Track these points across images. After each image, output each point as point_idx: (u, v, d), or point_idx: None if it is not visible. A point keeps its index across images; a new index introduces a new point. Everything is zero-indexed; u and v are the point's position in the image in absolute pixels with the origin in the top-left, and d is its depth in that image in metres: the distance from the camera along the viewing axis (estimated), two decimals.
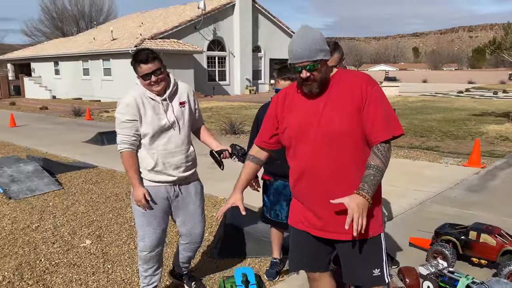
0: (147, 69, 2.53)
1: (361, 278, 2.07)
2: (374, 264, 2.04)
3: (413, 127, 11.53)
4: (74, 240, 4.17)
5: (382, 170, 1.90)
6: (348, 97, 1.95)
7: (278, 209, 3.19)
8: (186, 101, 2.75)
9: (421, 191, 5.49)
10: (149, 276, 2.82)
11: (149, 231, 2.70)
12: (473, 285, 2.80)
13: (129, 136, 2.59)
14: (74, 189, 5.95)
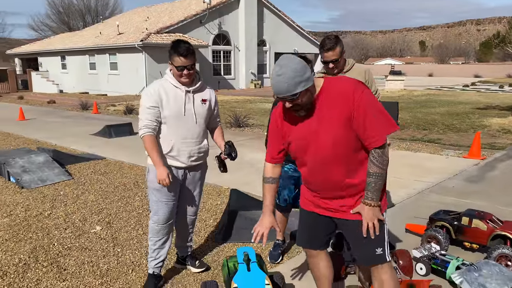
0: (183, 62, 2.77)
1: (363, 256, 2.25)
2: (376, 244, 2.19)
3: (416, 120, 11.62)
4: (85, 226, 4.36)
5: (381, 174, 2.07)
6: (338, 109, 2.06)
7: (287, 194, 3.35)
8: (207, 100, 3.00)
9: (421, 181, 5.63)
10: (157, 249, 3.05)
11: (162, 205, 2.96)
12: (462, 266, 2.95)
13: (151, 122, 2.82)
14: (84, 179, 6.15)
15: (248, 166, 6.73)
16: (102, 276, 3.31)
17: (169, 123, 2.88)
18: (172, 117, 2.86)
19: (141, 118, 2.86)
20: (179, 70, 2.79)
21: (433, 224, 3.63)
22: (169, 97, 2.86)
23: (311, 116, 2.11)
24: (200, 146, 3.00)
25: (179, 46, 2.76)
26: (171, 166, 2.93)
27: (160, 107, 2.83)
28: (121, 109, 15.88)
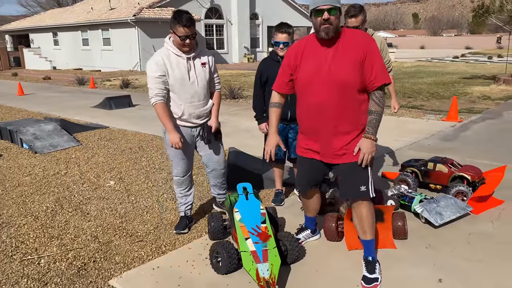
0: (186, 32, 3.04)
1: (352, 192, 2.68)
2: (362, 182, 2.63)
3: (403, 89, 12.15)
4: (99, 181, 4.91)
5: (381, 113, 2.54)
6: (352, 50, 2.47)
7: (277, 150, 3.86)
8: (206, 63, 3.31)
9: (401, 140, 6.20)
10: (184, 196, 3.55)
11: (178, 160, 3.39)
12: (424, 199, 3.55)
13: (161, 90, 3.14)
14: (91, 145, 6.66)
15: (245, 132, 7.27)
16: (121, 217, 3.87)
17: (176, 89, 3.19)
18: (178, 83, 3.18)
19: (150, 88, 3.14)
20: (182, 39, 3.05)
21: (404, 170, 4.21)
22: (173, 66, 3.15)
23: (330, 47, 2.50)
24: (206, 107, 3.39)
25: (182, 16, 3.00)
26: (185, 127, 3.34)
27: (166, 76, 3.14)
28: (117, 84, 16.22)
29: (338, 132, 2.59)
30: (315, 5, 2.44)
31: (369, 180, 2.66)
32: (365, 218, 2.72)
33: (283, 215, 3.69)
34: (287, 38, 3.57)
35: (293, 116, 3.70)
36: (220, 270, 2.77)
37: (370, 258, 2.71)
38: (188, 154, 3.44)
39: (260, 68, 3.79)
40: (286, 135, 3.84)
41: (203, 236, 3.40)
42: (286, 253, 2.84)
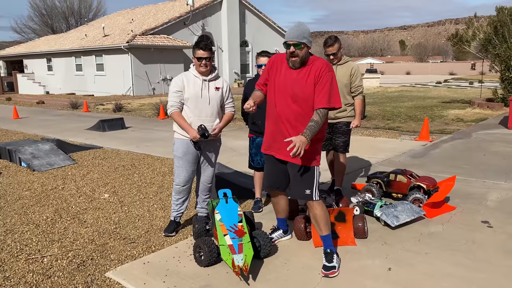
0: (202, 54, 3.70)
1: (296, 193, 3.19)
2: (306, 186, 3.12)
3: (383, 113, 12.80)
4: (95, 194, 5.33)
5: (319, 123, 3.01)
6: (312, 73, 3.05)
7: (259, 158, 4.40)
8: (220, 88, 3.90)
9: (374, 158, 6.73)
10: (178, 204, 4.02)
11: (182, 170, 3.89)
12: (384, 205, 4.04)
13: (176, 102, 3.78)
14: (86, 163, 7.09)
15: (231, 151, 7.76)
16: (115, 224, 4.30)
17: (189, 104, 3.78)
18: (191, 99, 3.77)
19: (169, 100, 3.80)
20: (199, 60, 3.71)
21: (370, 180, 4.71)
22: (190, 84, 3.78)
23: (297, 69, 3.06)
24: (212, 124, 3.84)
25: (200, 42, 3.75)
26: (190, 140, 3.83)
27: (183, 91, 3.77)
28: (110, 108, 16.72)
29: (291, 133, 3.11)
30: (285, 39, 3.05)
31: (313, 185, 3.12)
32: (318, 217, 3.18)
33: (260, 220, 4.14)
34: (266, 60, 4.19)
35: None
36: (202, 263, 3.21)
37: (328, 250, 3.17)
38: (192, 165, 3.92)
39: (245, 89, 4.39)
40: None
41: (188, 238, 3.84)
42: (260, 249, 3.29)
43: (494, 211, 4.20)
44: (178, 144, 3.90)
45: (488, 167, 5.92)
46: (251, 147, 4.45)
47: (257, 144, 4.36)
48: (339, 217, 3.58)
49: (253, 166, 4.48)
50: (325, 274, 3.04)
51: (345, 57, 4.59)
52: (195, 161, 3.94)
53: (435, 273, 3.03)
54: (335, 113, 4.56)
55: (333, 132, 4.67)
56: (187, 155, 3.86)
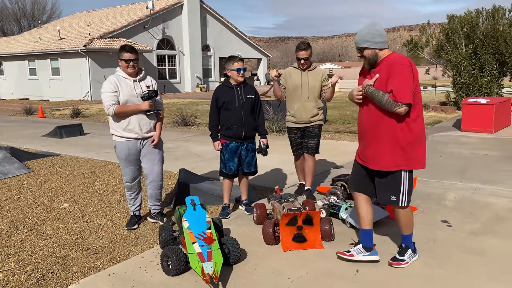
0: (129, 56, 3.92)
1: (382, 199, 3.19)
2: (392, 192, 3.09)
3: (343, 117, 13.11)
4: (53, 204, 5.10)
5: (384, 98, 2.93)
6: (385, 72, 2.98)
7: (231, 165, 4.37)
8: (151, 86, 4.12)
9: (336, 161, 6.86)
10: (133, 199, 4.23)
11: (127, 169, 4.12)
12: (349, 207, 4.11)
13: (114, 101, 3.92)
14: (43, 172, 6.78)
15: (196, 156, 7.67)
16: (76, 234, 4.13)
17: (124, 103, 3.93)
18: (126, 99, 3.93)
19: (105, 101, 3.89)
20: (127, 62, 3.92)
21: (334, 183, 4.80)
22: (122, 85, 3.95)
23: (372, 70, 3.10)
24: (150, 121, 4.07)
25: (125, 46, 3.97)
26: (130, 139, 3.98)
27: (118, 92, 3.90)
28: (67, 113, 16.12)
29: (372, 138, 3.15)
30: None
31: (400, 191, 3.09)
32: (401, 222, 3.22)
33: (228, 226, 4.11)
34: (243, 65, 4.31)
35: (247, 135, 4.33)
36: (170, 272, 3.13)
37: (403, 245, 3.27)
38: (135, 163, 4.13)
39: (216, 94, 4.36)
40: (239, 152, 4.35)
41: (155, 247, 3.74)
42: (229, 255, 3.25)
43: (452, 210, 4.39)
44: (119, 147, 4.08)
45: (445, 168, 6.18)
46: (223, 153, 4.40)
47: (230, 149, 4.34)
48: (306, 221, 3.61)
49: (224, 173, 4.43)
50: (390, 263, 3.20)
51: (314, 63, 4.70)
52: (138, 159, 4.14)
53: (400, 272, 3.12)
54: (309, 117, 4.66)
55: (306, 136, 4.77)
56: (130, 156, 4.08)
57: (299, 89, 4.63)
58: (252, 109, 4.36)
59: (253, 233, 3.93)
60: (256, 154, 4.47)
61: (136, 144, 4.05)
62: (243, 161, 4.41)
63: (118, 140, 4.04)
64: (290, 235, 3.60)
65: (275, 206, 4.04)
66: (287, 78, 4.73)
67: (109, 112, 3.90)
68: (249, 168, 4.45)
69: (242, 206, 4.57)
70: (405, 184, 3.09)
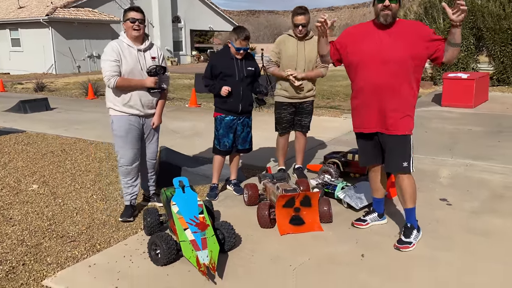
0: (135, 15, 3.45)
1: (393, 167, 3.02)
2: (404, 158, 2.95)
3: (321, 92, 12.87)
4: (20, 186, 4.64)
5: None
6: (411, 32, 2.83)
7: (226, 141, 4.02)
8: (156, 57, 3.63)
9: (321, 137, 6.62)
10: (130, 187, 3.71)
11: (128, 150, 3.59)
12: (346, 187, 3.89)
13: (116, 72, 3.41)
14: (7, 150, 6.23)
15: (173, 133, 7.26)
16: (49, 220, 3.73)
17: (126, 75, 3.46)
18: (130, 73, 3.47)
19: (106, 70, 3.40)
20: (132, 21, 3.44)
21: (326, 161, 4.56)
22: (125, 54, 3.46)
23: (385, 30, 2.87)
24: (153, 98, 3.64)
25: (132, 7, 3.54)
26: (131, 115, 3.54)
27: (120, 61, 3.43)
28: (30, 87, 15.16)
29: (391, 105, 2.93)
30: None
31: (411, 157, 2.98)
32: (404, 190, 3.02)
33: (217, 208, 3.81)
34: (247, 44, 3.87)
35: (244, 109, 3.96)
36: (159, 262, 2.83)
37: (409, 225, 3.05)
38: (136, 143, 3.63)
39: (213, 62, 3.96)
40: (235, 127, 4.01)
41: (138, 233, 3.41)
42: (224, 241, 2.97)
43: (449, 188, 4.25)
44: (118, 123, 3.55)
45: (433, 144, 6.07)
46: (217, 128, 4.04)
47: (225, 124, 3.98)
48: (304, 202, 3.35)
49: (218, 149, 4.08)
50: (397, 247, 2.97)
51: (311, 32, 4.32)
52: (139, 138, 3.66)
53: (406, 255, 2.93)
54: (305, 92, 4.33)
55: (299, 113, 4.45)
56: (131, 133, 3.57)
57: (294, 59, 4.26)
58: (251, 82, 4.01)
59: (245, 215, 3.66)
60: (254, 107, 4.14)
61: (138, 120, 3.60)
62: (238, 137, 4.07)
63: (117, 115, 3.55)
64: (287, 217, 3.34)
65: (268, 187, 3.76)
66: (281, 47, 4.30)
67: (109, 84, 3.41)
68: (244, 144, 4.13)
69: (231, 186, 4.28)
70: (412, 149, 3.02)
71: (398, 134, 2.94)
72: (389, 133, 2.96)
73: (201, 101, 10.93)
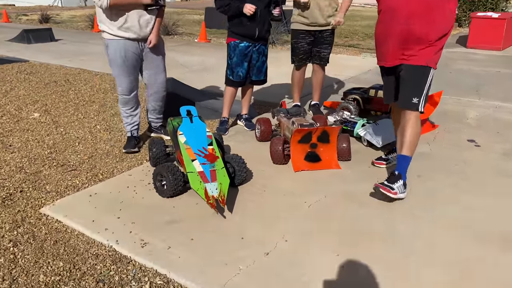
0: None
1: (401, 100, 2.67)
2: (415, 93, 2.59)
3: (339, 30, 12.19)
4: (22, 114, 4.42)
5: None
6: None
7: (240, 70, 3.68)
8: None
9: (340, 75, 6.24)
10: (130, 116, 3.45)
11: (124, 78, 3.27)
12: (367, 123, 3.60)
13: None
14: (10, 78, 5.97)
15: (182, 67, 6.91)
16: (50, 148, 3.53)
17: None
18: None
19: None
20: None
21: (346, 97, 4.24)
22: None
23: None
24: (152, 17, 3.23)
25: None
26: (128, 39, 3.17)
27: None
28: (35, 18, 14.65)
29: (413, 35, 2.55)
30: None
31: (422, 94, 2.61)
32: (410, 134, 2.65)
33: (228, 143, 3.57)
34: None
35: (260, 35, 3.60)
36: (165, 193, 2.63)
37: (397, 172, 2.65)
38: (134, 70, 3.31)
39: None
40: (250, 55, 3.67)
41: (144, 164, 3.21)
42: (234, 175, 2.75)
43: (477, 129, 3.93)
44: (113, 47, 3.20)
45: (458, 85, 5.67)
46: (231, 56, 3.68)
47: (240, 51, 3.62)
48: (322, 138, 3.09)
49: (231, 80, 3.75)
50: (377, 185, 2.57)
51: None
52: (137, 64, 3.31)
53: (433, 198, 2.70)
54: (326, 17, 3.93)
55: (318, 43, 4.07)
56: (127, 59, 3.22)
57: None
58: (268, 3, 3.59)
59: (257, 151, 3.42)
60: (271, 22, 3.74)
61: (134, 45, 3.22)
62: (252, 66, 3.72)
63: (112, 39, 3.17)
64: (303, 153, 3.10)
65: (282, 122, 3.49)
66: None
67: (102, 4, 2.99)
68: (259, 75, 3.79)
69: (242, 121, 4.01)
70: (428, 85, 2.64)
71: (416, 64, 2.57)
72: (407, 62, 2.60)
73: (211, 36, 10.42)
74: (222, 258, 2.07)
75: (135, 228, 2.31)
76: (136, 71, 3.33)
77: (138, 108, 3.50)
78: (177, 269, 2.00)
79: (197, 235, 2.26)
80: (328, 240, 2.23)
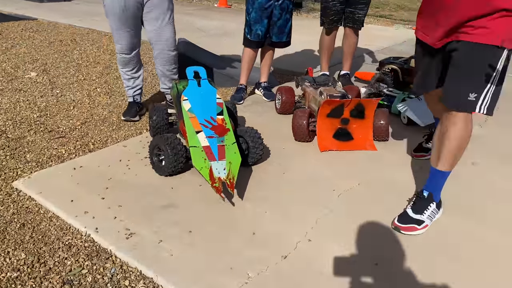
0: None
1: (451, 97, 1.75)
2: (474, 86, 1.69)
3: None
4: (17, 72, 4.00)
5: None
6: None
7: (259, 28, 3.17)
8: None
9: (372, 45, 5.61)
10: (131, 79, 2.98)
11: (123, 32, 2.78)
12: (408, 98, 3.05)
13: None
14: (13, 35, 5.54)
15: (199, 32, 6.37)
16: (40, 111, 3.10)
17: None
18: None
19: None
20: None
21: (382, 68, 3.66)
22: None
23: None
24: None
25: None
26: None
27: None
28: None
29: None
30: None
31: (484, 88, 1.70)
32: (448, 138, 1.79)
33: (242, 114, 3.07)
34: None
35: None
36: (163, 171, 2.17)
37: (426, 194, 1.91)
38: (133, 25, 2.78)
39: None
40: (271, 11, 3.14)
41: (143, 134, 2.75)
42: (247, 152, 2.27)
43: None
44: None
45: None
46: (249, 10, 3.16)
47: (259, 5, 3.09)
48: (356, 112, 2.56)
49: (248, 39, 3.24)
50: (396, 226, 1.84)
51: None
52: (137, 19, 2.77)
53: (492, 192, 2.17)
54: None
55: (352, 2, 3.46)
56: (126, 8, 2.70)
57: None
58: None
59: (276, 124, 2.92)
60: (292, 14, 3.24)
61: None
62: (273, 24, 3.18)
63: None
64: (331, 130, 2.58)
65: (308, 92, 2.96)
66: None
67: None
68: (281, 36, 3.25)
69: (260, 90, 3.50)
70: (496, 76, 1.68)
71: (482, 42, 1.64)
72: (467, 38, 1.67)
73: (231, 1, 9.78)
74: (227, 260, 1.61)
75: (121, 213, 1.87)
76: (138, 25, 2.82)
77: (140, 70, 3.01)
78: (168, 271, 1.55)
79: (197, 226, 1.80)
80: (364, 242, 1.74)
